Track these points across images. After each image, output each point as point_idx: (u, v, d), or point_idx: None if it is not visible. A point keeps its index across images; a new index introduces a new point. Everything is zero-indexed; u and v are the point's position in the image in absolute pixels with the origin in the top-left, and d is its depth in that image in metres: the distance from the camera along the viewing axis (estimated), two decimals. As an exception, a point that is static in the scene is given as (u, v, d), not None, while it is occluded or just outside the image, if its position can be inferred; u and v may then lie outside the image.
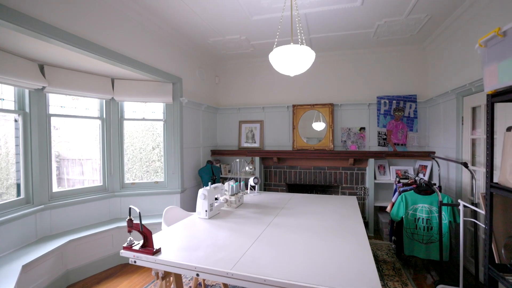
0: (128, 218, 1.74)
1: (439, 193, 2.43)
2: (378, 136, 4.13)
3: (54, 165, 3.06)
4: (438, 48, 3.57)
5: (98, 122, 3.40)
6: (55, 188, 3.07)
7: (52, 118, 3.00)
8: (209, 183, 2.55)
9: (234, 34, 3.64)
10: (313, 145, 4.31)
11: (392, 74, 4.15)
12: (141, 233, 1.72)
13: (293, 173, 4.42)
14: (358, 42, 3.93)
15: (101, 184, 3.40)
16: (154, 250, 1.69)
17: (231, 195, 2.76)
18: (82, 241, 2.90)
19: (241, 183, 2.99)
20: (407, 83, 4.10)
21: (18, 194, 2.75)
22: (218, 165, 4.57)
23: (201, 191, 2.40)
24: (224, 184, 2.81)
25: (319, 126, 4.34)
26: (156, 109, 3.72)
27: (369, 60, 4.23)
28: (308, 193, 4.52)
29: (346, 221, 2.18)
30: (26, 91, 2.78)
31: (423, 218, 2.63)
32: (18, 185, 2.76)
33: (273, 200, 2.97)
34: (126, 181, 3.58)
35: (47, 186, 2.92)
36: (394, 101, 4.08)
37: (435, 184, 2.64)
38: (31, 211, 2.74)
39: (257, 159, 4.37)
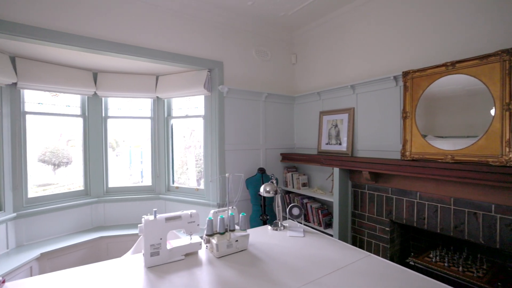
0: None
1: None
2: None
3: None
4: None
5: (149, 121, 3.32)
6: (114, 183, 3.27)
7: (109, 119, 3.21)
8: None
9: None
10: (452, 152, 2.01)
11: None
12: None
13: (406, 204, 2.30)
14: None
15: (151, 184, 3.31)
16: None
17: (209, 234, 1.60)
18: (117, 240, 2.86)
19: (240, 215, 1.74)
20: None
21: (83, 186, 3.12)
22: (290, 173, 3.30)
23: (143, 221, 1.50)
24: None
25: (466, 110, 1.97)
26: (199, 103, 3.15)
27: None
28: (442, 256, 2.22)
29: None
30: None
31: None
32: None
33: (315, 261, 1.47)
34: (172, 184, 3.29)
35: (103, 181, 3.14)
36: None
37: None
38: (88, 201, 3.02)
39: (336, 171, 2.68)
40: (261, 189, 1.90)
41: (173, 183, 3.31)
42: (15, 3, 2.00)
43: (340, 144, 2.88)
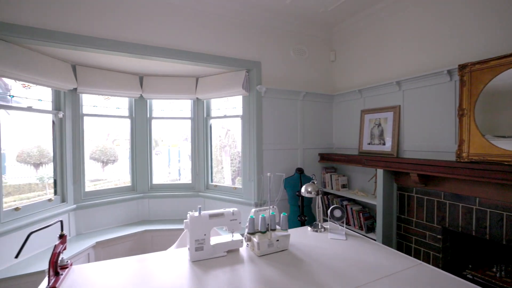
0: (60, 233, 1.41)
1: None
2: None
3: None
4: None
5: (188, 122, 3.46)
6: (156, 180, 3.47)
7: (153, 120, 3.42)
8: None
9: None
10: (521, 153, 1.77)
11: None
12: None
13: (462, 211, 2.08)
14: None
15: (191, 182, 3.45)
16: (46, 288, 1.22)
17: (250, 233, 1.60)
18: (160, 233, 3.03)
19: (281, 215, 1.72)
20: None
21: (130, 183, 3.36)
22: (328, 174, 3.20)
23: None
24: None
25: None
26: (237, 104, 3.20)
27: None
28: (509, 272, 1.97)
29: None
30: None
31: None
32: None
33: (360, 266, 1.42)
34: (211, 183, 3.39)
35: (147, 178, 3.35)
36: None
37: None
38: (134, 197, 3.24)
39: (380, 172, 2.53)
40: (302, 189, 1.87)
41: (211, 181, 3.42)
42: (75, 17, 2.23)
43: (383, 144, 2.72)
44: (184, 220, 1.49)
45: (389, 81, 2.65)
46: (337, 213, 1.92)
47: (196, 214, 1.49)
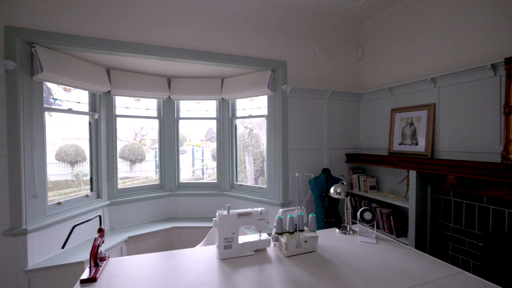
0: (99, 227, 1.50)
1: None
2: None
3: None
4: None
5: (212, 121, 3.52)
6: (182, 179, 3.57)
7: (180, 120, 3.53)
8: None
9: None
10: None
11: None
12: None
13: (508, 217, 1.91)
14: None
15: (216, 181, 3.50)
16: (87, 278, 1.32)
17: (278, 233, 1.59)
18: (187, 231, 3.11)
19: (309, 216, 1.69)
20: None
21: (159, 181, 3.50)
22: (356, 175, 3.09)
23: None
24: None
25: None
26: (262, 103, 3.20)
27: None
28: None
29: None
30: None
31: None
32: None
33: (394, 271, 1.37)
34: (235, 182, 3.42)
35: (175, 177, 3.45)
36: None
37: None
38: (162, 194, 3.36)
39: (413, 174, 2.39)
40: (332, 190, 1.82)
41: (236, 180, 3.45)
42: (109, 24, 2.36)
43: (416, 144, 2.57)
44: (213, 219, 1.51)
45: (422, 78, 2.51)
46: (367, 215, 1.86)
47: (225, 212, 1.51)
